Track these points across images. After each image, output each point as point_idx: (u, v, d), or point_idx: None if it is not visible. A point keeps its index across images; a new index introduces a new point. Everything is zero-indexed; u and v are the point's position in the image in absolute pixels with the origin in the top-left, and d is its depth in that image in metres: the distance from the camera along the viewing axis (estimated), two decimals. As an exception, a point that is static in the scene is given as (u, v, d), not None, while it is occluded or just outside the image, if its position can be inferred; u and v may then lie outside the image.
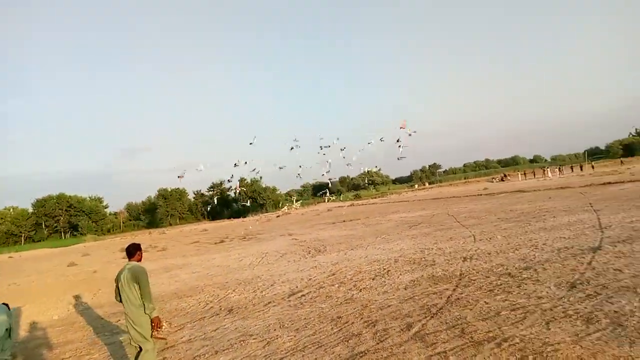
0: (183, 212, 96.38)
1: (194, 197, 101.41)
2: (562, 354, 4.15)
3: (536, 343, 4.48)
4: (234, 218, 77.62)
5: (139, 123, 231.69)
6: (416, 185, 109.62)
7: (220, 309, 8.18)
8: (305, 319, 6.66)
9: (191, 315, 8.05)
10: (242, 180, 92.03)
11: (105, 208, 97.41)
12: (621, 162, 68.92)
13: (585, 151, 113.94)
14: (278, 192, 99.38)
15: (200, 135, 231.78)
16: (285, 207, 58.66)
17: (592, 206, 16.14)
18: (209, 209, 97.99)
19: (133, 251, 4.97)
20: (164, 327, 6.48)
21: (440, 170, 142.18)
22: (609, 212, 13.74)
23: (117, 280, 4.81)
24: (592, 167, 61.38)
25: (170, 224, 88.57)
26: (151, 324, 4.62)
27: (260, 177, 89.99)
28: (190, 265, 15.71)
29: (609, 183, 27.14)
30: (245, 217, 74.94)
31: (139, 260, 4.99)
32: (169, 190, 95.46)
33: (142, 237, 46.90)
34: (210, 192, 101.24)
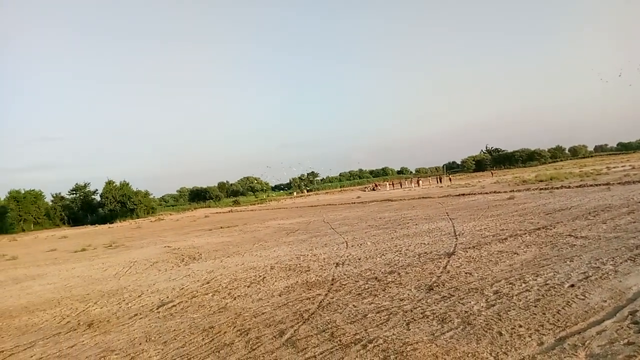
0: (39, 217, 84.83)
1: (52, 201, 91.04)
2: (420, 352, 4.52)
3: (397, 343, 4.82)
4: (99, 224, 71.49)
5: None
6: (295, 193, 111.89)
7: (79, 324, 7.45)
8: (174, 330, 6.36)
9: (44, 331, 7.21)
10: (109, 183, 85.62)
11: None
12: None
13: (444, 165, 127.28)
14: (151, 196, 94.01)
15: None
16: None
17: (448, 215, 17.92)
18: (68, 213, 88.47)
19: None
20: None
21: (317, 178, 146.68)
22: (462, 221, 15.38)
23: None
24: (450, 179, 68.25)
25: (24, 230, 77.79)
26: None
27: (129, 185, 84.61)
28: (46, 275, 14.09)
29: (463, 194, 30.33)
30: (112, 223, 69.66)
31: None
32: (22, 192, 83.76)
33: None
34: (72, 195, 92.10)
